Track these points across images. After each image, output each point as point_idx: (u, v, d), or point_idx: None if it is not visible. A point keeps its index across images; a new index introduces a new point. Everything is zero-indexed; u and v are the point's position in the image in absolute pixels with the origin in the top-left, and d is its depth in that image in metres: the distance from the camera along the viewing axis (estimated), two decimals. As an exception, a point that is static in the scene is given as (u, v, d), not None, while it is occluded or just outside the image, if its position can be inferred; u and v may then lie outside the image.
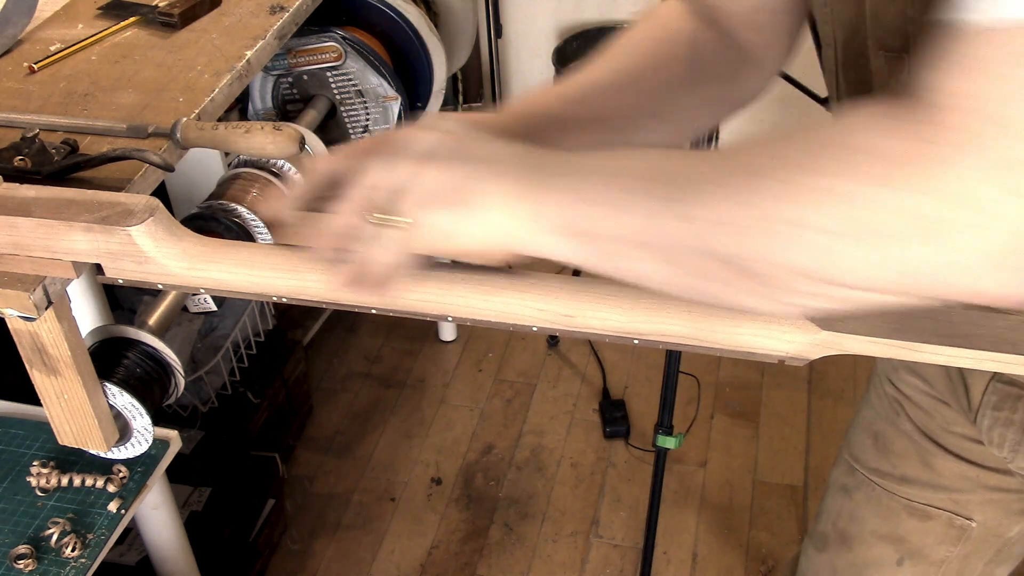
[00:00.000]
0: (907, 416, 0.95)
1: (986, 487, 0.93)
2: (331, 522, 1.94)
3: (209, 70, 1.15)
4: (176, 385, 0.90)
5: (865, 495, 1.01)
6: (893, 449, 0.97)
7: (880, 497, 0.99)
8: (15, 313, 0.70)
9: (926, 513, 0.97)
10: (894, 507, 0.98)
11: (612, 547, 1.86)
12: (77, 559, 1.06)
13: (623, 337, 0.60)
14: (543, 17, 2.75)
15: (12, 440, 1.21)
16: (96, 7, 1.29)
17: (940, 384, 0.90)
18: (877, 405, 1.00)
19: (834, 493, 1.05)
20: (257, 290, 0.65)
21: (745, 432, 2.06)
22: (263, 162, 1.10)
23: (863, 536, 1.02)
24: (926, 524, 0.97)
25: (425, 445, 2.08)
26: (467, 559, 1.86)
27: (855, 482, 1.02)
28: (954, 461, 0.93)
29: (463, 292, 0.61)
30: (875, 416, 1.00)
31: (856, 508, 1.02)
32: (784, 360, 0.58)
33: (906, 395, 0.95)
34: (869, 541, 1.01)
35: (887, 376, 0.97)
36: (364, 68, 1.46)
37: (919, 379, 0.93)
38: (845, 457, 1.04)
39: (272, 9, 1.28)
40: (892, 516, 0.99)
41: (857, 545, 1.02)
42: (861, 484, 1.01)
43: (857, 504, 1.02)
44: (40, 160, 0.93)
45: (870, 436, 1.00)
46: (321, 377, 2.25)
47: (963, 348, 0.54)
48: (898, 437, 0.97)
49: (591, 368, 2.23)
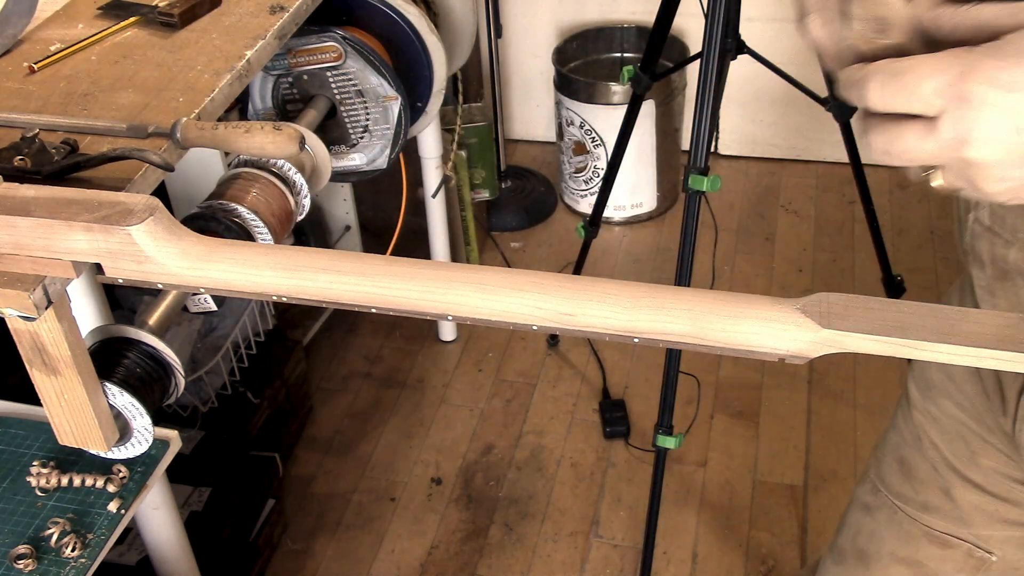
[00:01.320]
0: (931, 443, 0.94)
1: (1006, 522, 0.92)
2: (331, 522, 1.94)
3: (209, 70, 1.15)
4: (176, 385, 0.90)
5: (887, 517, 1.00)
6: (917, 476, 0.96)
7: (901, 521, 0.98)
8: (15, 313, 0.70)
9: (946, 542, 0.95)
10: (915, 532, 0.97)
11: (612, 547, 1.86)
12: (77, 559, 1.06)
13: (623, 336, 0.60)
14: (543, 17, 2.75)
15: (12, 440, 1.21)
16: (96, 7, 1.29)
17: (976, 403, 0.88)
18: (904, 428, 0.98)
19: (856, 510, 1.05)
20: (257, 290, 0.65)
21: (745, 432, 2.06)
22: (263, 162, 1.10)
23: (881, 556, 1.01)
24: (945, 552, 0.96)
25: (425, 445, 2.08)
26: (467, 559, 1.86)
27: (878, 502, 1.01)
28: (975, 493, 0.92)
29: (463, 291, 0.61)
30: (901, 440, 0.99)
31: (877, 528, 1.01)
32: (784, 358, 0.58)
33: (934, 418, 0.93)
34: (886, 562, 1.01)
35: (917, 401, 0.96)
36: (364, 68, 1.46)
37: (952, 402, 0.91)
38: (871, 476, 1.03)
39: (272, 9, 1.28)
40: (912, 541, 0.98)
41: (874, 564, 1.02)
42: (883, 505, 1.00)
43: (878, 524, 1.01)
44: (40, 160, 0.93)
45: (896, 460, 0.99)
46: (321, 377, 2.25)
47: (964, 346, 0.54)
48: (922, 464, 0.95)
49: (591, 368, 2.23)
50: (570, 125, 2.54)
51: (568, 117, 2.54)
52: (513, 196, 2.71)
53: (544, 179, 2.80)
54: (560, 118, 2.58)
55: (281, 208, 1.08)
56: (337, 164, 1.56)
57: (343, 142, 1.54)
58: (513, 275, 0.61)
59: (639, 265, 2.52)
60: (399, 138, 1.53)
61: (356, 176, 1.59)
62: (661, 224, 2.66)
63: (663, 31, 1.74)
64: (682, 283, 1.60)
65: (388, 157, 1.55)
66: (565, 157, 2.63)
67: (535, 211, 2.70)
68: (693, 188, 1.52)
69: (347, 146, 1.55)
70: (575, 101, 2.50)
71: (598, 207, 1.99)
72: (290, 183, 1.11)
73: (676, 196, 2.71)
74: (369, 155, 1.56)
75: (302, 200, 1.13)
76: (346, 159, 1.56)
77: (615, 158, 1.91)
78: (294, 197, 1.11)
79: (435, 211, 2.14)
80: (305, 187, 1.13)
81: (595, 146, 2.54)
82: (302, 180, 1.12)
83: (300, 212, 1.14)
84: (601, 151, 2.54)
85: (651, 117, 2.46)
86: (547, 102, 2.84)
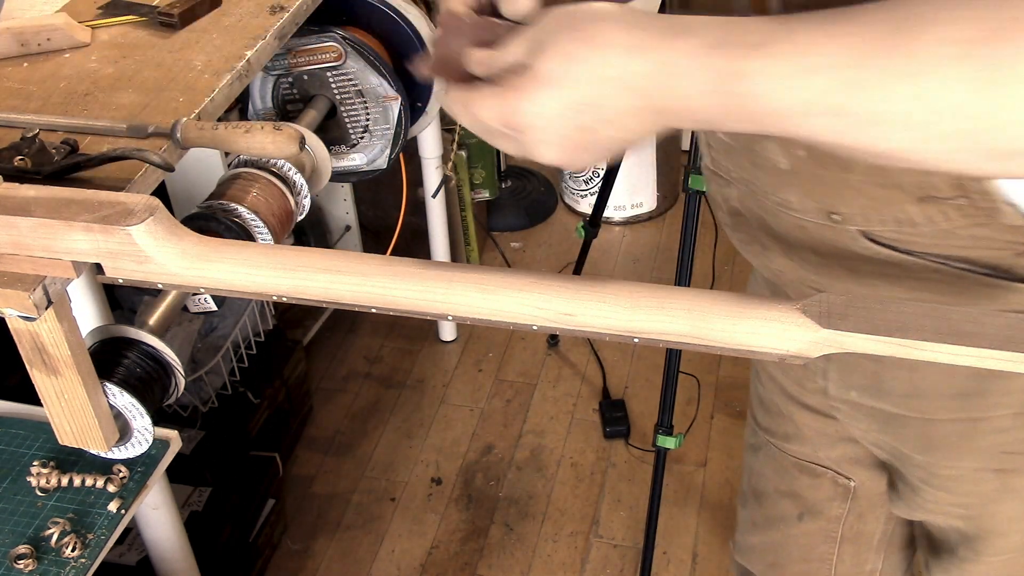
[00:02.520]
0: (769, 376, 0.99)
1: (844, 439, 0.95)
2: (331, 522, 1.94)
3: (209, 70, 1.15)
4: (176, 385, 0.90)
5: (766, 454, 1.05)
6: (772, 409, 1.01)
7: (775, 455, 1.03)
8: (15, 313, 0.70)
9: (812, 471, 1.00)
10: (786, 464, 1.02)
11: (612, 547, 1.86)
12: (77, 559, 1.06)
13: (623, 336, 0.60)
14: (543, 17, 2.75)
15: (12, 440, 1.21)
16: (96, 7, 1.29)
17: None
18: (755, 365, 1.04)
19: (747, 452, 1.11)
20: (257, 290, 0.65)
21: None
22: (263, 162, 1.10)
23: (768, 493, 1.07)
24: (815, 481, 1.01)
25: (425, 445, 2.08)
26: (467, 559, 1.86)
27: (758, 441, 1.06)
28: (810, 415, 0.96)
29: (463, 291, 0.61)
30: (756, 378, 1.04)
31: (761, 467, 1.07)
32: (784, 358, 0.58)
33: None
34: (773, 497, 1.06)
35: None
36: (364, 68, 1.46)
37: None
38: (749, 418, 1.09)
39: (272, 9, 1.28)
40: (787, 474, 1.03)
41: (765, 501, 1.07)
42: (762, 444, 1.06)
43: (761, 463, 1.07)
44: (40, 160, 0.93)
45: (756, 397, 1.05)
46: (321, 377, 2.25)
47: (964, 346, 0.54)
48: (772, 397, 1.00)
49: (591, 368, 2.23)
50: (570, 125, 2.54)
51: (568, 117, 2.54)
52: (513, 196, 2.71)
53: (544, 179, 2.80)
54: (560, 118, 2.58)
55: (281, 208, 1.08)
56: (337, 164, 1.56)
57: (343, 142, 1.54)
58: (513, 275, 0.61)
59: (639, 265, 2.52)
60: (399, 138, 1.53)
61: (356, 176, 1.59)
62: (661, 224, 2.66)
63: (663, 31, 1.74)
64: (682, 283, 1.60)
65: (388, 157, 1.55)
66: (565, 157, 2.63)
67: (535, 211, 2.70)
68: (693, 188, 1.52)
69: (347, 146, 1.55)
70: (575, 101, 2.50)
71: (598, 207, 1.99)
72: (290, 183, 1.11)
73: (676, 196, 2.71)
74: (369, 155, 1.56)
75: (302, 200, 1.13)
76: (346, 159, 1.56)
77: (615, 158, 1.91)
78: (294, 197, 1.11)
79: (435, 211, 2.14)
80: (305, 187, 1.13)
81: (595, 146, 2.54)
82: (302, 180, 1.12)
83: (300, 212, 1.14)
84: (601, 151, 2.54)
85: (651, 117, 2.46)
86: (547, 102, 2.84)
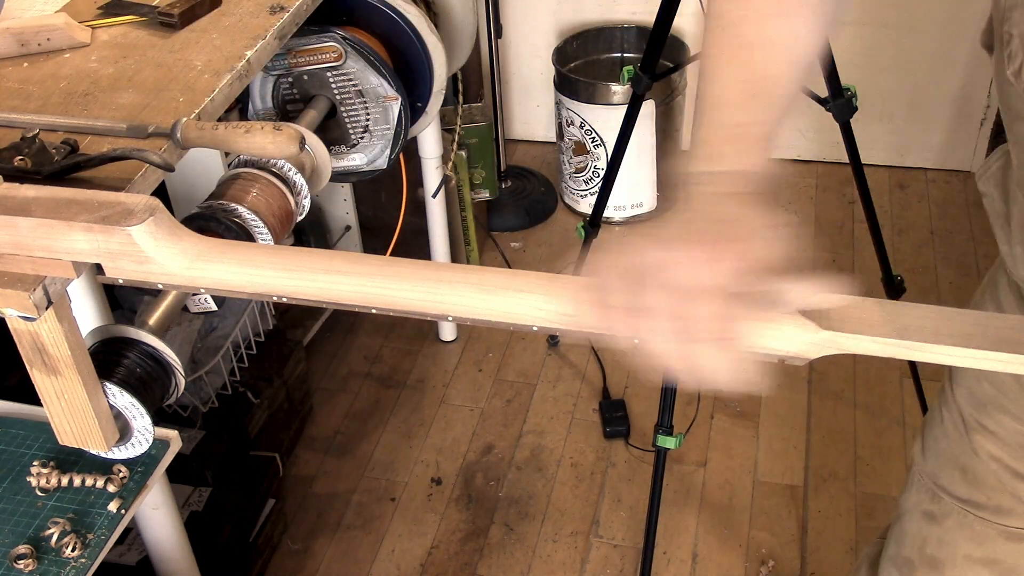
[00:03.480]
0: (991, 456, 0.95)
1: None
2: (331, 522, 1.94)
3: (209, 70, 1.15)
4: (176, 385, 0.91)
5: (956, 522, 1.01)
6: (986, 483, 0.97)
7: (973, 524, 0.99)
8: (15, 313, 0.70)
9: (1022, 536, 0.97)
10: (989, 533, 0.98)
11: (612, 547, 1.86)
12: (77, 559, 1.06)
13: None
14: (543, 17, 2.75)
15: (12, 440, 1.21)
16: (96, 7, 1.29)
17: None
18: (955, 439, 0.99)
19: (916, 519, 1.05)
20: (257, 290, 0.65)
21: (745, 432, 2.06)
22: (263, 162, 1.10)
23: (955, 560, 1.02)
24: (1019, 546, 0.98)
25: (425, 445, 2.08)
26: (467, 559, 1.86)
27: (943, 510, 1.01)
28: None
29: (463, 291, 0.61)
30: (958, 451, 0.99)
31: (945, 534, 1.02)
32: (784, 360, 0.58)
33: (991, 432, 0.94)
34: (962, 565, 1.02)
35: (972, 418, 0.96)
36: (364, 68, 1.46)
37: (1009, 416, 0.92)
38: (928, 485, 1.03)
39: (272, 9, 1.28)
40: (987, 541, 0.99)
41: (948, 568, 1.03)
42: (951, 512, 1.01)
43: (946, 531, 1.02)
44: (40, 160, 0.93)
45: (957, 469, 1.00)
46: (321, 377, 2.25)
47: (963, 348, 0.54)
48: (987, 474, 0.96)
49: (591, 368, 2.23)
50: (570, 125, 2.55)
51: (568, 117, 2.54)
52: (513, 196, 2.71)
53: (544, 179, 2.80)
54: (560, 118, 2.58)
55: (281, 208, 1.08)
56: (337, 164, 1.56)
57: (343, 142, 1.54)
58: (513, 275, 0.61)
59: (639, 265, 2.52)
60: (399, 138, 1.53)
61: (356, 176, 1.59)
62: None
63: (663, 31, 1.74)
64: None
65: (388, 157, 1.55)
66: (565, 157, 2.63)
67: (535, 211, 2.70)
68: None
69: (347, 146, 1.55)
70: (575, 101, 2.50)
71: (598, 207, 1.99)
72: (290, 183, 1.11)
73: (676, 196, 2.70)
74: (369, 155, 1.56)
75: (302, 200, 1.13)
76: (346, 159, 1.56)
77: (615, 158, 1.91)
78: (294, 197, 1.11)
79: (435, 211, 2.14)
80: (305, 187, 1.13)
81: (595, 146, 2.54)
82: (302, 180, 1.12)
83: (300, 212, 1.14)
84: (601, 151, 2.54)
85: (651, 117, 2.46)
86: (547, 102, 2.84)
